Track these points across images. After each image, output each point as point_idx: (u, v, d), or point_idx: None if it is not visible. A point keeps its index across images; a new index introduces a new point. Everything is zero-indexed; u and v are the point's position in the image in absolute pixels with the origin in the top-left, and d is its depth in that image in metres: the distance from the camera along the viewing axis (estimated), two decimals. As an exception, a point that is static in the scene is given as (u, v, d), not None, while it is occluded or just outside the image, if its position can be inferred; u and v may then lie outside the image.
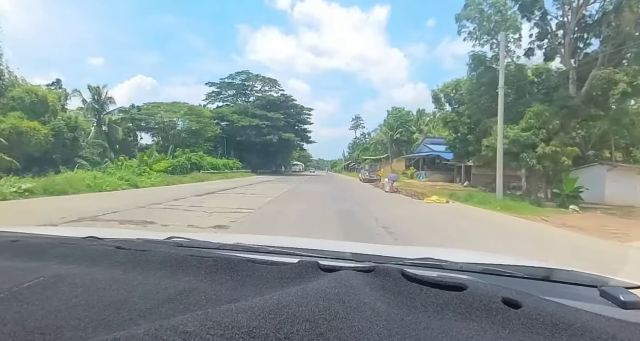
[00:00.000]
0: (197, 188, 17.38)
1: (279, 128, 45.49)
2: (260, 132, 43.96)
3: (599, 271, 0.82)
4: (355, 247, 1.10)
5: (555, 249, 5.77)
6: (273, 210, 9.26)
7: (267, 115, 44.66)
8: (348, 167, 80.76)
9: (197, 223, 6.66)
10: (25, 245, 0.77)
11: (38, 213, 7.73)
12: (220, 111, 44.86)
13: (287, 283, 0.56)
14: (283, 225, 7.09)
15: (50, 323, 0.43)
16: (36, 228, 1.33)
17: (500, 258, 1.09)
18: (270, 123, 44.39)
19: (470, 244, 5.62)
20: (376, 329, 0.39)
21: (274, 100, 48.50)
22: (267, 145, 45.83)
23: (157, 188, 17.47)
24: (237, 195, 13.97)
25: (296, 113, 50.87)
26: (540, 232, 7.47)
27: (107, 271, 0.61)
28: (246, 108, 45.66)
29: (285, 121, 46.74)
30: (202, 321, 0.37)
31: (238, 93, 51.20)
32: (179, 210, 8.65)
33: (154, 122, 39.85)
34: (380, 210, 9.67)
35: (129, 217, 7.29)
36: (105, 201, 10.24)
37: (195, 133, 40.81)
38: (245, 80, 50.86)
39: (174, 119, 40.39)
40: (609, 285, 0.68)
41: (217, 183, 23.40)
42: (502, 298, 0.47)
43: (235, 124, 43.02)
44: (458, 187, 25.11)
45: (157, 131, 40.89)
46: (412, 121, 66.18)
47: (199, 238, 1.07)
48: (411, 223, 7.87)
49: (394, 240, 5.64)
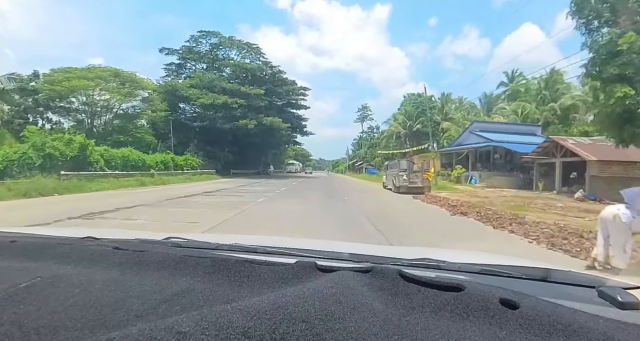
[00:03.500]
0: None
1: (258, 110, 31.48)
2: (230, 115, 30.07)
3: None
4: (353, 247, 1.13)
5: None
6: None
7: (240, 89, 30.60)
8: (354, 167, 66.65)
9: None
10: (23, 245, 0.76)
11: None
12: (172, 84, 30.57)
13: (285, 283, 0.56)
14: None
15: (47, 324, 0.43)
16: (34, 229, 1.35)
17: (498, 258, 1.08)
18: (245, 103, 30.33)
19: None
20: (373, 329, 0.39)
21: (252, 71, 34.13)
22: (243, 135, 31.95)
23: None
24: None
25: (286, 92, 36.70)
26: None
27: (105, 271, 0.61)
28: (211, 81, 31.50)
29: (268, 101, 32.76)
30: (197, 321, 0.37)
31: (210, 66, 36.74)
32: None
33: (67, 99, 26.00)
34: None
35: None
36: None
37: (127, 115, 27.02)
38: (216, 46, 36.83)
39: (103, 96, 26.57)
40: (606, 286, 0.67)
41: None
42: (499, 298, 0.47)
43: (193, 103, 29.09)
44: (558, 198, 14.31)
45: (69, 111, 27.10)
46: (436, 108, 52.02)
47: (197, 238, 1.05)
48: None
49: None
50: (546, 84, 38.32)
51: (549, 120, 34.97)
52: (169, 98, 31.05)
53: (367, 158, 63.81)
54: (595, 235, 4.17)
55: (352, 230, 6.25)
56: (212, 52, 36.95)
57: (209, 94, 29.54)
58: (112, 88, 25.51)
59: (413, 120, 50.59)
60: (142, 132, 27.40)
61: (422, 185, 16.01)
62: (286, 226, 6.70)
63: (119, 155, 18.79)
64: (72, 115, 28.47)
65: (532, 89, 43.24)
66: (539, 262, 0.93)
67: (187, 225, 6.25)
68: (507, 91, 46.64)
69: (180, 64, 37.09)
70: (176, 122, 32.58)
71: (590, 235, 5.35)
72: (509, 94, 46.17)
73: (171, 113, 32.00)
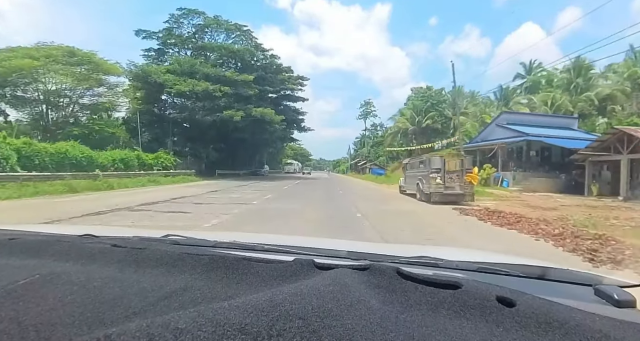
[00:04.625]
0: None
1: (247, 100, 26.71)
2: (213, 106, 25.29)
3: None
4: (351, 245, 1.11)
5: None
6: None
7: (225, 75, 25.83)
8: (356, 167, 61.90)
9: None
10: (21, 242, 0.76)
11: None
12: (144, 69, 25.72)
13: (283, 281, 0.56)
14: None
15: (45, 321, 0.43)
16: (33, 226, 1.30)
17: (496, 256, 1.08)
18: (231, 91, 25.60)
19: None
20: (370, 327, 0.39)
21: (241, 54, 29.23)
22: (229, 130, 27.26)
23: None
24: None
25: (280, 81, 31.87)
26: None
27: (103, 269, 0.61)
28: (192, 65, 26.68)
29: (259, 90, 27.96)
30: (194, 318, 0.37)
31: (197, 54, 31.65)
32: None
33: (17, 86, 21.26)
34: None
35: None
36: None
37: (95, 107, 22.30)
38: (201, 29, 31.99)
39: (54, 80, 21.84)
40: (603, 284, 0.67)
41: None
42: (496, 296, 0.47)
43: (169, 90, 24.35)
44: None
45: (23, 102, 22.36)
46: (448, 103, 47.61)
47: (196, 236, 1.04)
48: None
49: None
50: (578, 73, 33.73)
51: (585, 111, 30.59)
52: (146, 88, 26.40)
53: (371, 158, 59.14)
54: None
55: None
56: (197, 35, 32.13)
57: (188, 80, 24.75)
58: (64, 70, 20.64)
59: (422, 115, 45.94)
60: (103, 125, 22.64)
61: (463, 192, 11.31)
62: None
63: (50, 151, 14.04)
64: (31, 107, 23.86)
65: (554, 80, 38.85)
66: (536, 260, 0.94)
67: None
68: (525, 83, 42.28)
69: (160, 49, 32.19)
70: (153, 114, 27.87)
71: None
72: (528, 86, 41.75)
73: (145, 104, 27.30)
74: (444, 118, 45.43)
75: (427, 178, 11.56)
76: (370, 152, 61.87)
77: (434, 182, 11.12)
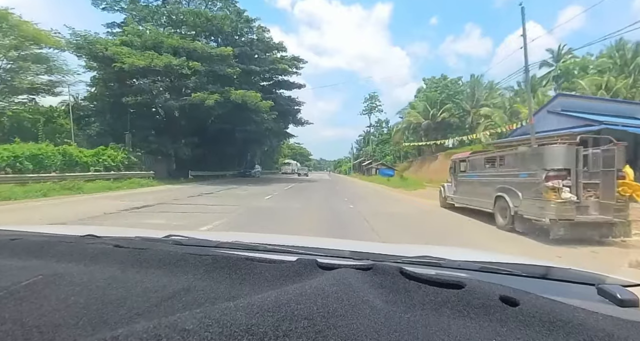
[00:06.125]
0: None
1: (225, 80, 20.75)
2: (179, 86, 19.35)
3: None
4: (354, 245, 1.10)
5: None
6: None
7: (195, 49, 19.91)
8: (360, 167, 55.86)
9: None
10: (24, 243, 0.76)
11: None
12: (88, 40, 19.65)
13: (286, 281, 0.56)
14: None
15: (49, 322, 0.43)
16: (35, 227, 1.30)
17: (498, 256, 1.07)
18: (204, 68, 19.72)
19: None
20: (374, 327, 0.39)
21: (216, 22, 22.86)
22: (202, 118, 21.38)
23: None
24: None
25: (270, 61, 25.87)
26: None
27: (106, 269, 0.61)
28: (156, 36, 20.75)
29: (243, 69, 22.04)
30: (201, 319, 0.37)
31: (173, 33, 25.75)
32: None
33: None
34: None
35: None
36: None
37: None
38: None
39: None
40: (606, 283, 0.67)
41: None
42: (499, 296, 0.47)
43: (119, 65, 18.42)
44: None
45: None
46: (465, 94, 41.67)
47: (198, 236, 1.03)
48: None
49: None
50: (633, 54, 27.96)
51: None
52: (101, 68, 20.59)
53: (377, 157, 53.22)
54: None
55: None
56: (168, 6, 26.16)
57: (146, 53, 18.82)
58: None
59: (437, 107, 40.03)
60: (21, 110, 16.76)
61: (611, 218, 5.49)
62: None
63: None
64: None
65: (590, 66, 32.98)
66: (539, 260, 0.93)
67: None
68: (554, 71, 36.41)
69: (125, 23, 26.31)
70: (106, 99, 21.95)
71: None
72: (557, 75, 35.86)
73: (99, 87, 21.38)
74: (462, 111, 39.64)
75: (533, 190, 5.66)
76: (376, 150, 56.05)
77: (558, 198, 5.25)
